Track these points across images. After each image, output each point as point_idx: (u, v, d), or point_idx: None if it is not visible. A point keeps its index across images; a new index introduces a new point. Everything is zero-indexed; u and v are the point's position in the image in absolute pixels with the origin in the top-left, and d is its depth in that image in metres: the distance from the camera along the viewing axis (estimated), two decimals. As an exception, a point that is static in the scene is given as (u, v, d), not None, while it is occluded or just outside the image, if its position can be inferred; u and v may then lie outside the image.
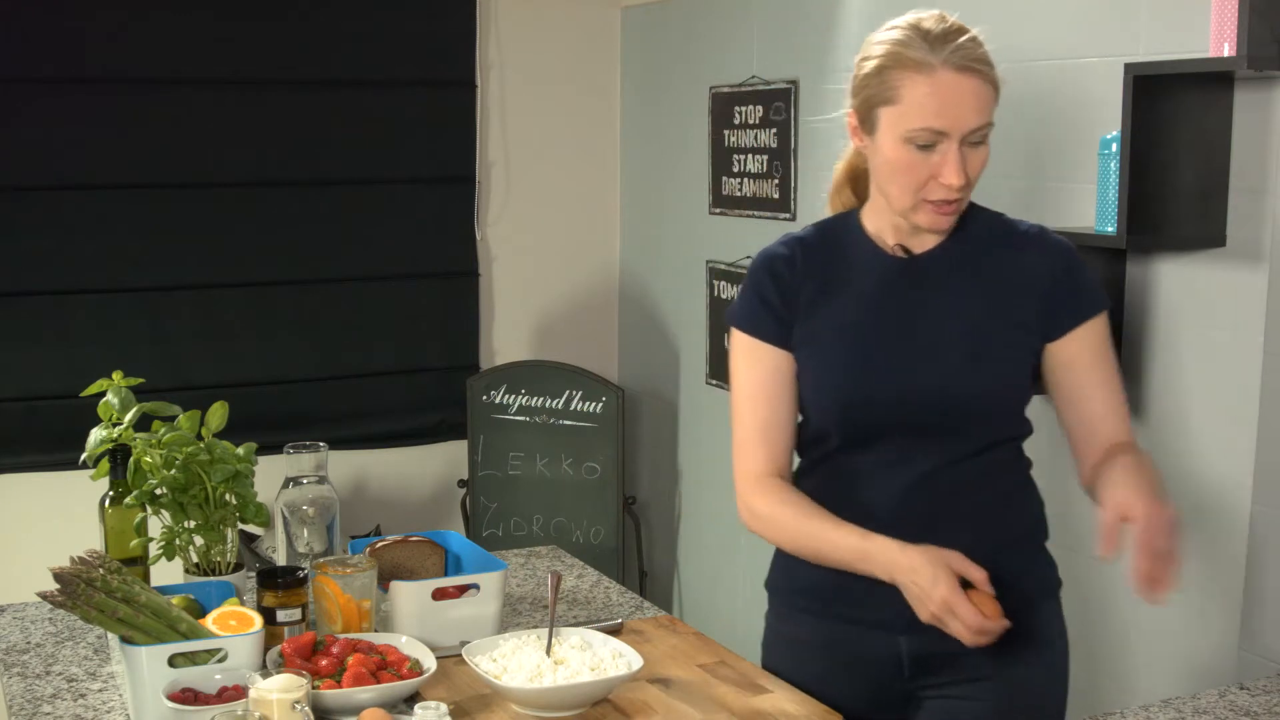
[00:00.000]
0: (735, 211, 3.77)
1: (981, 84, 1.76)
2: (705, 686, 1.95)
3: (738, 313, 1.95)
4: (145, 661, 1.79)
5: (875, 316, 1.87)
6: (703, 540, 4.06)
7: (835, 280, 1.90)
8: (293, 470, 2.26)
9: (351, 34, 3.98)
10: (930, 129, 1.75)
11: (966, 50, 1.75)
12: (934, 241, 1.88)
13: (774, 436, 1.92)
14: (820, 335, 1.88)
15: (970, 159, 1.78)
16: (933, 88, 1.74)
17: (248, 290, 3.96)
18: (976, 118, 1.76)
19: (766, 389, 1.91)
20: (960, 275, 1.86)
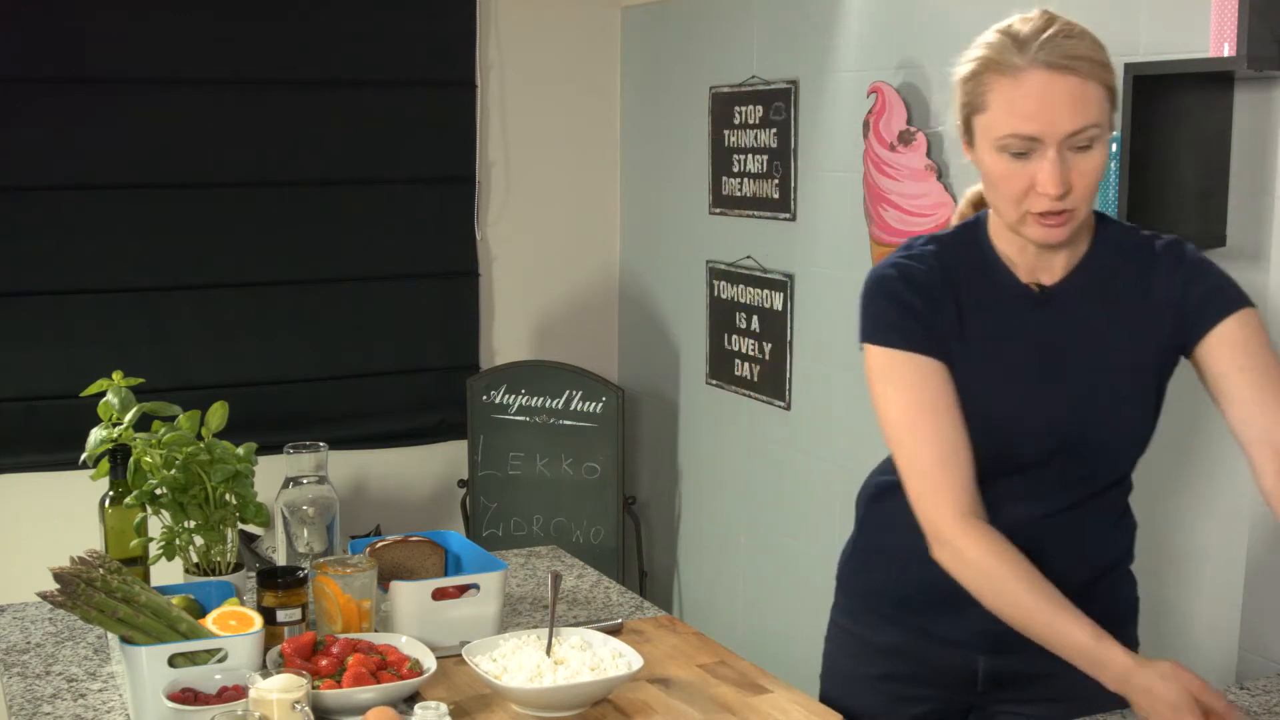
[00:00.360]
0: (735, 211, 3.77)
1: (1080, 82, 1.61)
2: (705, 686, 1.95)
3: (879, 328, 1.77)
4: (145, 661, 1.79)
5: (1017, 352, 1.75)
6: (703, 540, 4.06)
7: (971, 304, 1.76)
8: (293, 470, 2.26)
9: (351, 34, 3.98)
10: (1019, 135, 1.63)
11: (1059, 46, 1.61)
12: (1064, 269, 1.75)
13: (961, 461, 1.72)
14: (966, 359, 1.75)
15: (1076, 165, 1.63)
16: (1020, 90, 1.62)
17: (248, 290, 3.96)
18: (1072, 119, 1.61)
19: (938, 408, 1.73)
20: (1096, 308, 1.75)
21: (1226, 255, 2.36)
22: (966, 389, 1.74)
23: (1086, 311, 1.76)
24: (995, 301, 1.76)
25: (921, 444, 1.73)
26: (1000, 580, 1.68)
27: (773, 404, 3.63)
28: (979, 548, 1.69)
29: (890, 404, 1.76)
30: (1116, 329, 1.75)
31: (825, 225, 3.39)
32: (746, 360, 3.75)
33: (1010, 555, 1.69)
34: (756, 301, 3.68)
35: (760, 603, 3.78)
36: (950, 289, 1.76)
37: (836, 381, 3.38)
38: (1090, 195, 1.66)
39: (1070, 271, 1.76)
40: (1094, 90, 1.63)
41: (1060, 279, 1.76)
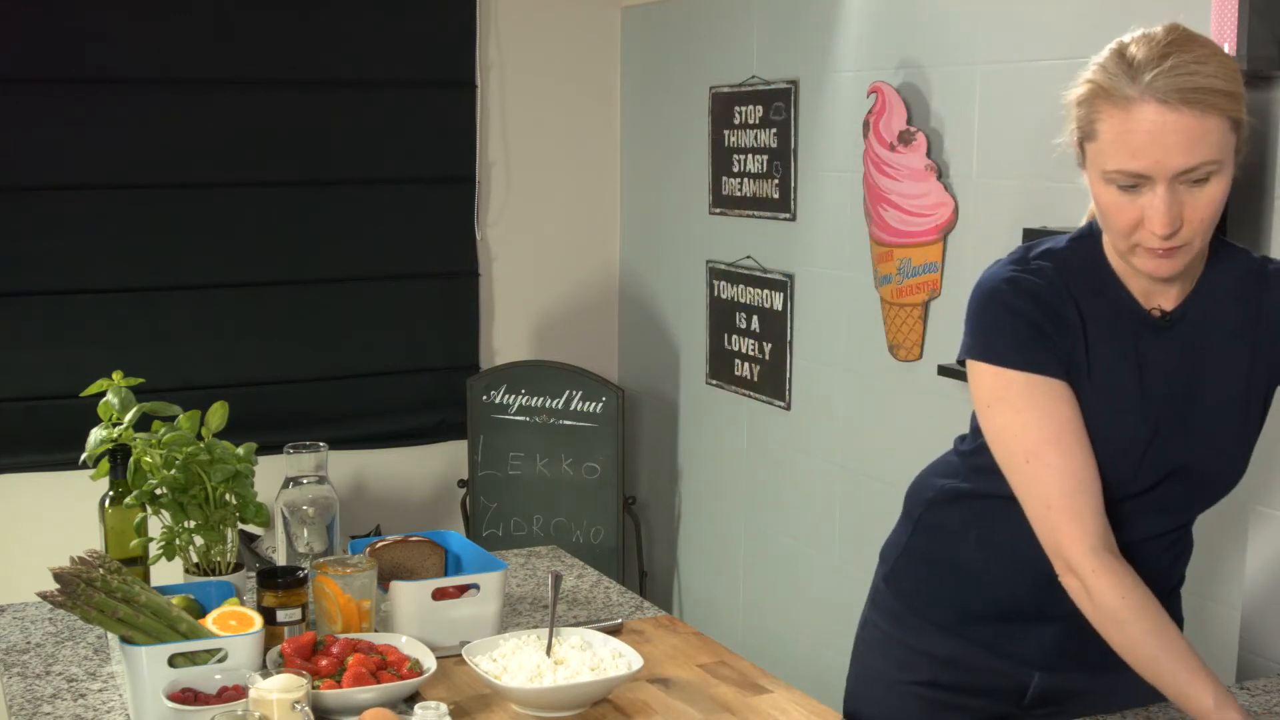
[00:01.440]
0: (735, 211, 3.77)
1: (1196, 117, 1.51)
2: (705, 686, 1.95)
3: (998, 347, 1.66)
4: (145, 661, 1.79)
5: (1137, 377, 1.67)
6: (703, 540, 4.06)
7: (1094, 324, 1.67)
8: (293, 470, 2.26)
9: (351, 34, 3.98)
10: (1126, 171, 1.54)
11: (1175, 79, 1.51)
12: (1182, 293, 1.68)
13: (1092, 490, 1.64)
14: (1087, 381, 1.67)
15: (1190, 200, 1.54)
16: (1128, 125, 1.53)
17: (248, 290, 3.96)
18: (1184, 158, 1.51)
19: (1069, 434, 1.64)
20: (1214, 335, 1.69)
21: (1226, 255, 2.36)
22: (1094, 410, 1.67)
23: (1206, 339, 1.69)
24: (1115, 323, 1.68)
25: (1049, 474, 1.64)
26: (1133, 632, 1.63)
27: (773, 404, 3.63)
28: (1113, 593, 1.62)
29: (1009, 429, 1.67)
30: (1232, 357, 1.70)
31: (825, 225, 3.39)
32: (746, 360, 3.75)
33: (1143, 604, 1.63)
34: (756, 301, 3.68)
35: (760, 603, 3.78)
36: (1073, 304, 1.66)
37: (836, 381, 3.38)
38: (1205, 229, 1.57)
39: (1189, 296, 1.69)
40: (1214, 124, 1.53)
41: (1179, 304, 1.69)
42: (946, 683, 1.89)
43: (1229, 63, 1.56)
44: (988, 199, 2.88)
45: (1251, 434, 1.74)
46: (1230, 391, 1.70)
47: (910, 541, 1.94)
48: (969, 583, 1.85)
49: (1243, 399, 1.71)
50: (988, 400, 1.68)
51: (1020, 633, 1.82)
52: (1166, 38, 1.55)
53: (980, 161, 2.89)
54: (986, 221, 2.87)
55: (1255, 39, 2.13)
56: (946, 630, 1.87)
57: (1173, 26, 1.58)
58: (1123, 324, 1.68)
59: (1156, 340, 1.69)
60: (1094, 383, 1.67)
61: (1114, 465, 1.68)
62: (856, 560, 3.32)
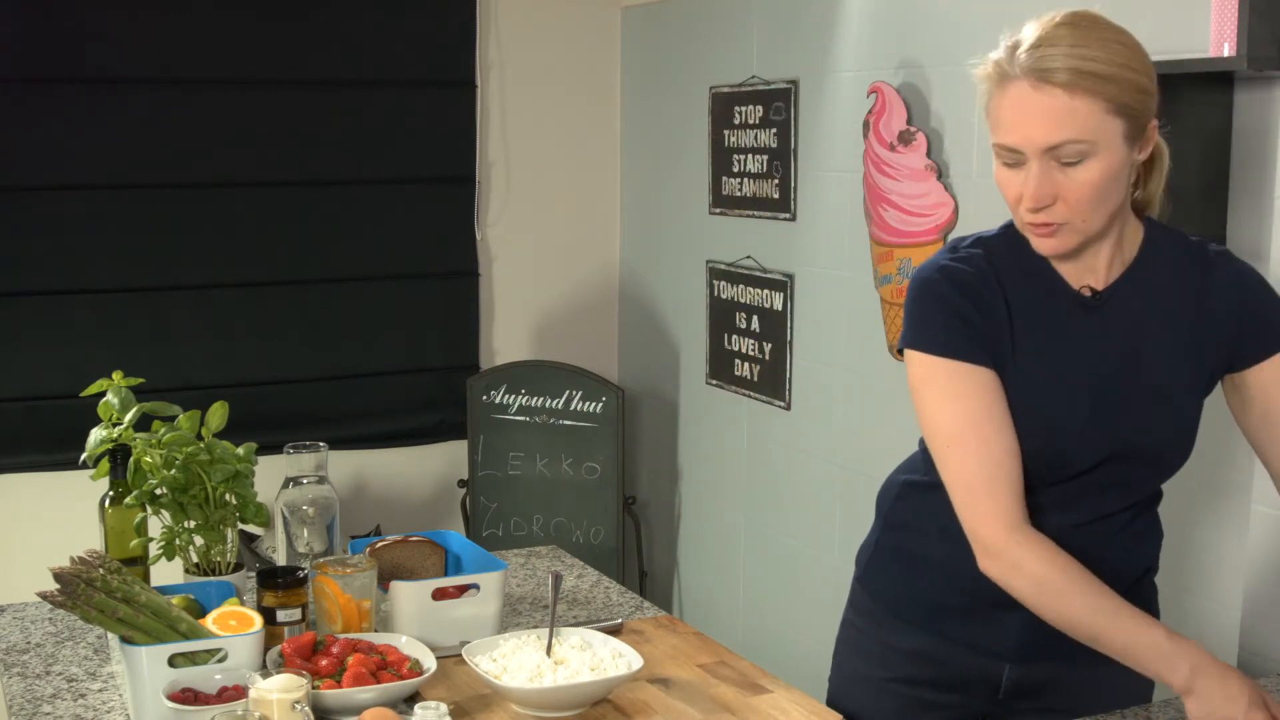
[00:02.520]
0: (735, 211, 3.77)
1: (1064, 95, 1.56)
2: (705, 686, 1.95)
3: (926, 336, 1.72)
4: (145, 661, 1.79)
5: (1069, 357, 1.71)
6: (703, 540, 4.06)
7: (1020, 307, 1.72)
8: (293, 470, 2.26)
9: (351, 34, 3.98)
10: (1003, 145, 1.62)
11: (1045, 59, 1.57)
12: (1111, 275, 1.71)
13: (1010, 473, 1.68)
14: (1018, 366, 1.71)
15: (1064, 180, 1.60)
16: (1004, 101, 1.61)
17: (248, 290, 3.96)
18: (1048, 134, 1.57)
19: (988, 418, 1.68)
20: (1148, 314, 1.72)
21: (1226, 255, 2.36)
22: (1016, 395, 1.70)
23: (1139, 317, 1.72)
24: (1045, 305, 1.72)
25: (968, 456, 1.69)
26: (1061, 593, 1.65)
27: (773, 404, 3.63)
28: (1035, 559, 1.66)
29: (935, 414, 1.72)
30: (1169, 336, 1.72)
31: (825, 225, 3.39)
32: (746, 360, 3.75)
33: (1067, 564, 1.66)
34: (756, 301, 3.68)
35: (760, 603, 3.78)
36: (999, 291, 1.71)
37: (836, 381, 3.38)
38: (1085, 209, 1.62)
39: (1121, 276, 1.73)
40: (1083, 105, 1.56)
41: (1110, 283, 1.72)
42: (922, 679, 1.90)
43: (1123, 51, 1.59)
44: (988, 199, 2.88)
45: (1193, 413, 1.76)
46: (1168, 371, 1.72)
47: (880, 539, 1.97)
48: (936, 576, 1.86)
49: (1182, 378, 1.73)
50: (915, 386, 1.74)
51: (989, 624, 1.83)
52: (1059, 19, 1.61)
53: (980, 161, 2.89)
54: (986, 221, 2.86)
55: (1255, 39, 2.13)
56: (918, 626, 1.89)
57: (1078, 11, 1.62)
58: (1054, 305, 1.72)
59: (1089, 319, 1.72)
60: (1026, 365, 1.71)
61: (1053, 445, 1.71)
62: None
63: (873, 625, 1.96)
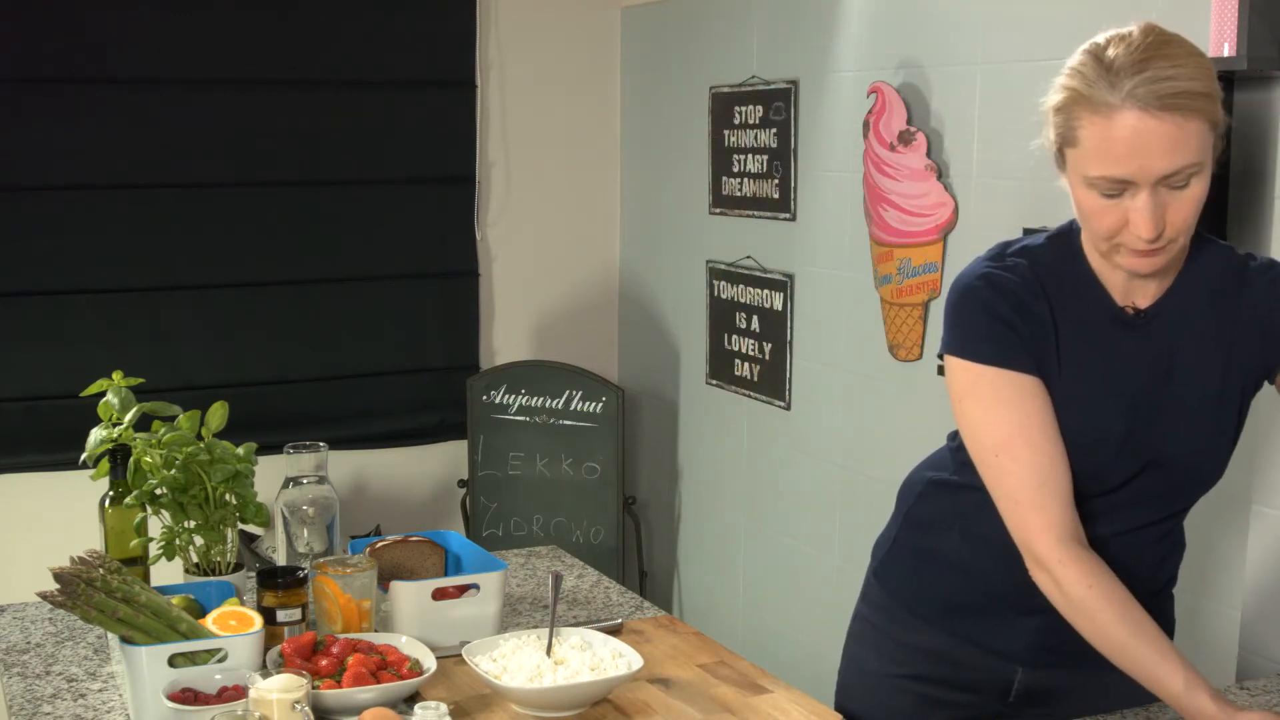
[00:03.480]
0: (735, 211, 3.77)
1: (1177, 122, 1.51)
2: (705, 686, 1.95)
3: (971, 342, 1.69)
4: (145, 661, 1.79)
5: (1110, 373, 1.69)
6: (703, 540, 4.06)
7: (1065, 319, 1.69)
8: (293, 470, 2.26)
9: (351, 34, 3.98)
10: (1109, 178, 1.55)
11: (1156, 84, 1.51)
12: (1159, 290, 1.69)
13: (1061, 485, 1.66)
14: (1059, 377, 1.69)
15: (1173, 203, 1.55)
16: (1111, 132, 1.53)
17: (248, 290, 3.96)
18: (1167, 162, 1.52)
19: (1037, 428, 1.66)
20: (1191, 332, 1.70)
21: (1226, 255, 2.36)
22: (1065, 405, 1.69)
23: (1183, 336, 1.70)
24: (1089, 319, 1.70)
25: (1017, 467, 1.66)
26: (1103, 621, 1.64)
27: (773, 404, 3.63)
28: (1081, 583, 1.64)
29: (981, 422, 1.69)
30: (1211, 353, 1.71)
31: (825, 225, 3.39)
32: (746, 360, 3.75)
33: (1112, 592, 1.64)
34: (756, 301, 3.68)
35: (760, 603, 3.78)
36: (1045, 300, 1.68)
37: (836, 382, 3.38)
38: (1187, 228, 1.59)
39: (1165, 293, 1.71)
40: (1194, 127, 1.53)
41: (1156, 301, 1.71)
42: (933, 677, 1.89)
43: (1204, 63, 1.57)
44: (988, 199, 2.88)
45: (1228, 429, 1.74)
46: (1206, 386, 1.71)
47: (899, 535, 1.96)
48: (954, 576, 1.86)
49: (1218, 394, 1.71)
50: (959, 394, 1.71)
51: (1003, 626, 1.83)
52: (1144, 40, 1.55)
53: (980, 161, 2.89)
54: (986, 221, 2.87)
55: (1255, 39, 2.13)
56: (932, 623, 1.88)
57: (1149, 27, 1.58)
58: (1097, 321, 1.70)
59: (1130, 337, 1.70)
60: (1066, 379, 1.69)
61: (1089, 459, 1.69)
62: (856, 560, 3.32)
63: (886, 620, 1.95)
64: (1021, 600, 1.75)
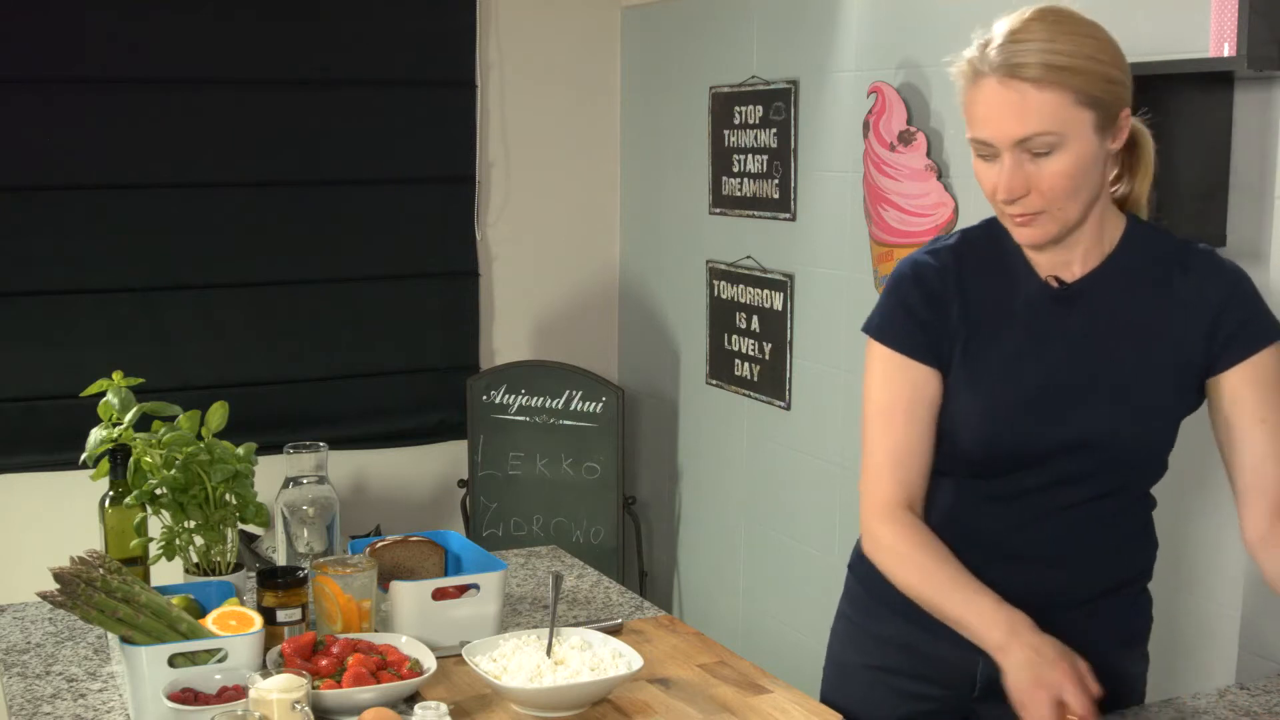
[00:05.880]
0: (735, 211, 3.77)
1: (1035, 91, 1.60)
2: (705, 686, 1.95)
3: (878, 324, 1.82)
4: (145, 661, 1.79)
5: (1027, 347, 1.75)
6: (703, 540, 4.06)
7: (988, 300, 1.78)
8: (293, 470, 2.26)
9: (351, 34, 3.98)
10: (977, 139, 1.67)
11: (1013, 55, 1.61)
12: (1086, 267, 1.75)
13: (909, 462, 1.79)
14: (970, 358, 1.77)
15: (1036, 171, 1.64)
16: (977, 97, 1.66)
17: (248, 290, 3.96)
18: (1019, 126, 1.61)
19: (904, 408, 1.78)
20: (1118, 308, 1.74)
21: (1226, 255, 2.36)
22: (971, 382, 1.76)
23: (1109, 311, 1.75)
24: (1012, 295, 1.77)
25: (879, 436, 1.80)
26: (906, 560, 1.77)
27: (773, 404, 3.63)
28: (896, 532, 1.77)
29: (870, 396, 1.82)
30: (1140, 332, 1.74)
31: (825, 225, 3.39)
32: (746, 360, 3.75)
33: (926, 541, 1.76)
34: (756, 301, 3.68)
35: (760, 603, 3.78)
36: (960, 288, 1.77)
37: (836, 381, 3.38)
38: (1058, 198, 1.66)
39: (1093, 271, 1.75)
40: (1051, 97, 1.61)
41: (1081, 277, 1.76)
42: (901, 669, 1.91)
43: (1091, 44, 1.64)
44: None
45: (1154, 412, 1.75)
46: (1135, 367, 1.74)
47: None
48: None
49: (1142, 375, 1.74)
50: (866, 367, 1.85)
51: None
52: (1029, 15, 1.65)
53: (980, 161, 2.89)
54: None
55: (1255, 39, 2.13)
56: (898, 614, 1.89)
57: (1048, 7, 1.66)
58: (1022, 296, 1.77)
59: (1055, 310, 1.75)
60: (983, 353, 1.76)
61: (1010, 430, 1.75)
62: (856, 560, 3.32)
63: (859, 613, 1.98)
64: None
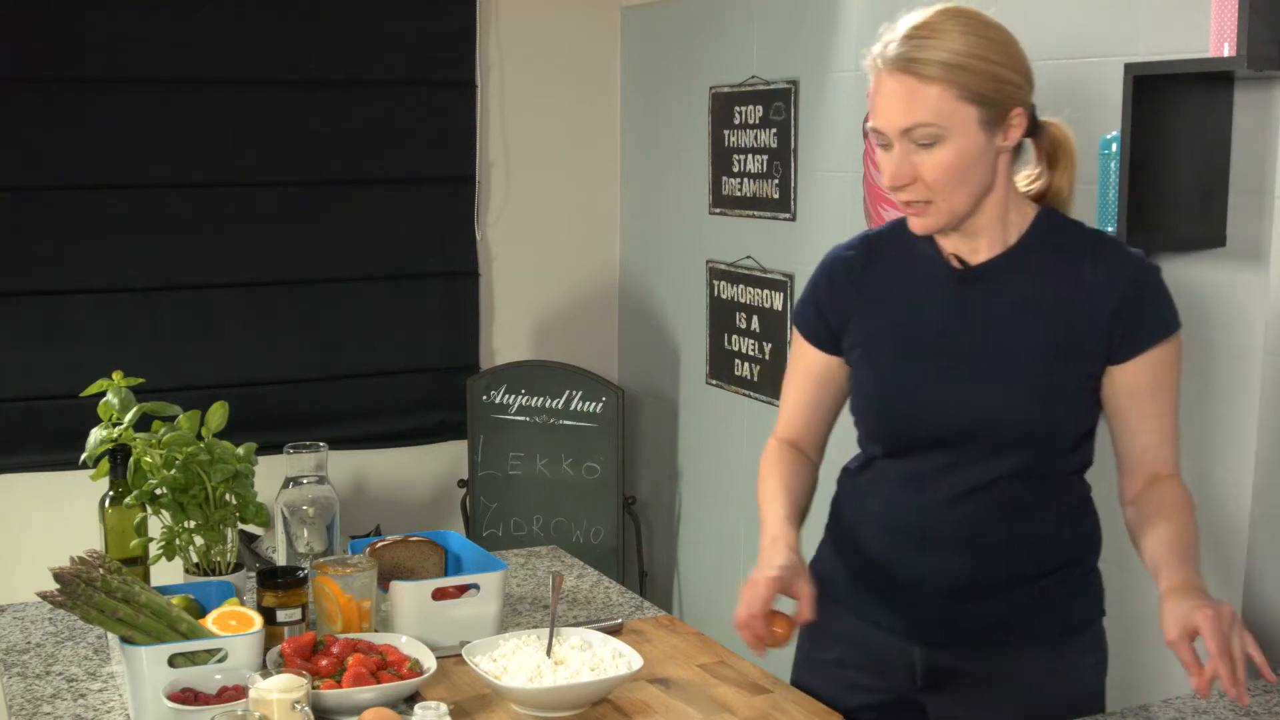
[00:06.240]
0: (735, 211, 3.77)
1: (917, 83, 1.70)
2: (705, 686, 1.95)
3: (796, 308, 2.03)
4: (145, 661, 1.79)
5: (926, 328, 1.83)
6: (703, 540, 4.06)
7: (893, 282, 1.88)
8: (293, 470, 2.26)
9: (351, 34, 3.98)
10: (873, 129, 1.78)
11: (905, 50, 1.71)
12: (990, 252, 1.82)
13: (801, 416, 2.01)
14: (873, 341, 1.88)
15: (921, 161, 1.73)
16: (877, 88, 1.76)
17: (248, 290, 3.96)
18: (904, 117, 1.72)
19: (798, 379, 2.00)
20: (1019, 292, 1.80)
21: (1226, 255, 2.36)
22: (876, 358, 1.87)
23: (1010, 296, 1.80)
24: (915, 279, 1.86)
25: (787, 392, 2.02)
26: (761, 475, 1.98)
27: (773, 404, 3.63)
28: (764, 458, 2.01)
29: (789, 360, 2.04)
30: (1041, 317, 1.78)
31: (825, 225, 3.39)
32: (746, 360, 3.75)
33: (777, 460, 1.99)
34: (756, 301, 3.68)
35: (760, 603, 3.77)
36: (864, 273, 1.91)
37: (836, 381, 3.37)
38: (942, 189, 1.73)
39: (998, 256, 1.81)
40: (935, 91, 1.70)
41: (985, 261, 1.82)
42: (850, 661, 1.96)
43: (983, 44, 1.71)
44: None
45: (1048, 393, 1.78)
46: (1034, 351, 1.78)
47: (826, 522, 2.08)
48: (855, 556, 1.96)
49: (1047, 359, 1.77)
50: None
51: (895, 603, 1.89)
52: (929, 14, 1.74)
53: (980, 161, 2.89)
54: (986, 221, 2.87)
55: (1255, 39, 2.13)
56: (843, 605, 1.95)
57: (950, 7, 1.75)
58: (924, 280, 1.86)
59: (958, 291, 1.82)
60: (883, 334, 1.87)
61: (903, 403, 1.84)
62: (856, 560, 3.32)
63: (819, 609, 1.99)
64: (907, 573, 1.86)
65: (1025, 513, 1.83)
